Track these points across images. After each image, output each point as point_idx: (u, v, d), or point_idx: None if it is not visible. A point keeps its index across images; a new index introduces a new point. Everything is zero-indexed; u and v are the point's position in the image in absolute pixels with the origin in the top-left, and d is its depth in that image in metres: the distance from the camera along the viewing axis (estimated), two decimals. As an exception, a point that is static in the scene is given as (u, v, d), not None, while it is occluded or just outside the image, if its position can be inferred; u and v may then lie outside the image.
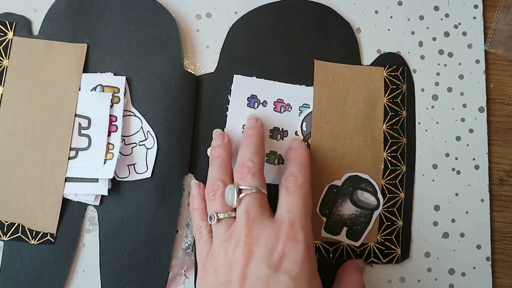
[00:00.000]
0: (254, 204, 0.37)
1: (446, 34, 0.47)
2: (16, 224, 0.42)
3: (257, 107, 0.44)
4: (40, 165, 0.43)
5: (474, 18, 0.47)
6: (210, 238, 0.39)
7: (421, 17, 0.47)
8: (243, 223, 0.37)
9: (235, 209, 0.38)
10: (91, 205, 0.43)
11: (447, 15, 0.47)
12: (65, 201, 0.42)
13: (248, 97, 0.44)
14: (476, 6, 0.47)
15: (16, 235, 0.42)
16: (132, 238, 0.42)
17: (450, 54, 0.47)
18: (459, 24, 0.47)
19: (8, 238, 0.42)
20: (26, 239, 0.42)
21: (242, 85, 0.44)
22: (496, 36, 0.46)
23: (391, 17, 0.47)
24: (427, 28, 0.47)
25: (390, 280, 0.44)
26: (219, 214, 0.38)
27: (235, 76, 0.44)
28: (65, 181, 0.42)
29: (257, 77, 0.44)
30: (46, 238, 0.42)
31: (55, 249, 0.42)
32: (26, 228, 0.42)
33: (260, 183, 0.39)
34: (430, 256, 0.45)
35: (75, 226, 0.43)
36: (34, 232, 0.42)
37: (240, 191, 0.38)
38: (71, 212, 0.43)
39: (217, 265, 0.37)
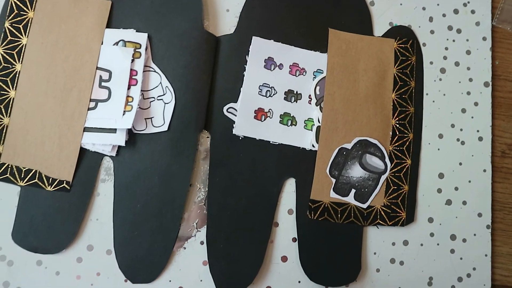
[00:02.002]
0: None
1: (456, 11, 0.48)
2: (33, 171, 0.42)
3: (274, 69, 0.45)
4: (60, 115, 0.42)
5: (483, -3, 0.48)
6: None
7: (432, -6, 0.48)
8: None
9: None
10: (107, 155, 0.43)
11: (457, -7, 0.48)
12: (82, 151, 0.42)
13: (265, 59, 0.44)
14: (485, -14, 0.48)
15: (33, 181, 0.42)
16: (146, 190, 0.42)
17: (459, 31, 0.47)
18: (468, 2, 0.47)
19: (25, 184, 0.42)
20: (43, 186, 0.42)
21: (260, 47, 0.44)
22: (503, 16, 0.47)
23: (404, -8, 0.48)
24: (438, 4, 0.47)
25: (394, 242, 0.44)
26: None
27: (253, 37, 0.44)
28: (84, 131, 0.42)
29: (274, 41, 0.45)
30: (62, 185, 0.42)
31: (70, 196, 0.42)
32: (43, 175, 0.42)
33: None
34: (433, 222, 0.45)
35: (91, 175, 0.43)
36: (50, 179, 0.42)
37: None
38: (87, 161, 0.42)
39: None
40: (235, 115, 0.43)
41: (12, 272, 0.41)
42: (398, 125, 0.45)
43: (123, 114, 0.42)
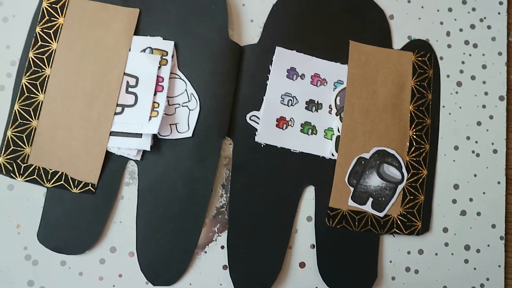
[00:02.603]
0: None
1: (472, 26, 0.49)
2: (59, 172, 0.43)
3: (296, 79, 0.46)
4: (87, 119, 0.43)
5: (499, 13, 0.49)
6: None
7: (450, 9, 0.49)
8: None
9: None
10: (132, 159, 0.43)
11: (473, 9, 0.49)
12: (108, 154, 0.43)
13: (287, 69, 0.45)
14: (501, 3, 0.49)
15: (59, 182, 0.43)
16: (169, 194, 0.43)
17: (475, 45, 0.48)
18: (485, 18, 0.49)
19: (52, 185, 0.43)
20: (68, 187, 0.43)
21: (283, 57, 0.45)
22: (518, 32, 0.49)
23: (422, 7, 0.48)
24: (455, 19, 0.49)
25: (410, 251, 0.45)
26: None
27: (277, 47, 0.45)
28: (110, 135, 0.43)
29: (297, 51, 0.46)
30: (88, 188, 0.43)
31: (95, 199, 0.43)
32: (69, 177, 0.43)
33: None
34: (448, 232, 0.46)
35: (115, 178, 0.43)
36: (76, 181, 0.43)
37: None
38: (113, 165, 0.43)
39: None
40: (258, 123, 0.44)
41: (36, 272, 0.42)
42: (415, 136, 0.46)
43: (149, 120, 0.43)
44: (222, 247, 0.43)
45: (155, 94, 0.43)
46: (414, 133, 0.46)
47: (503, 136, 0.47)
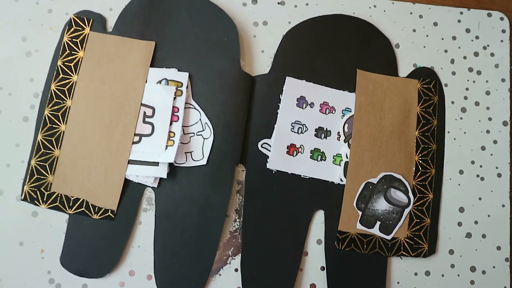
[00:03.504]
0: None
1: (476, 54, 0.50)
2: (80, 200, 0.45)
3: (305, 107, 0.47)
4: (106, 148, 0.45)
5: (502, 41, 0.50)
6: None
7: (454, 38, 0.50)
8: None
9: None
10: (149, 186, 0.45)
11: (477, 37, 0.50)
12: (126, 182, 0.44)
13: (297, 98, 0.47)
14: (503, 31, 0.50)
15: (80, 209, 0.44)
16: (185, 219, 0.44)
17: (479, 72, 0.50)
18: (488, 45, 0.50)
19: (73, 212, 0.44)
20: (89, 214, 0.44)
21: (293, 87, 0.47)
22: (521, 59, 0.50)
23: (427, 35, 0.50)
24: (459, 47, 0.50)
25: (417, 272, 0.46)
26: None
27: (287, 77, 0.46)
28: (128, 163, 0.45)
29: (306, 81, 0.47)
30: (107, 214, 0.44)
31: (114, 224, 0.44)
32: (90, 204, 0.44)
33: None
34: (454, 254, 0.47)
35: (134, 205, 0.45)
36: (96, 208, 0.44)
37: None
38: (131, 192, 0.45)
39: None
40: (269, 150, 0.46)
41: (59, 295, 0.44)
42: (421, 161, 0.47)
43: (166, 149, 0.44)
44: (236, 269, 0.45)
45: (171, 124, 0.45)
46: (420, 158, 0.47)
47: (507, 160, 0.48)
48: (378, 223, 0.46)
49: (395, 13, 0.50)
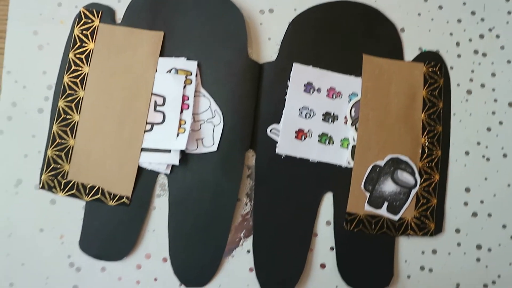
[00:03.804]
0: None
1: (481, 36, 0.50)
2: (96, 187, 0.46)
3: (312, 93, 0.48)
4: (119, 136, 0.46)
5: (507, 23, 0.50)
6: None
7: (459, 20, 0.50)
8: None
9: None
10: (162, 173, 0.46)
11: (482, 19, 0.50)
12: (140, 169, 0.46)
13: (304, 84, 0.48)
14: (509, 12, 0.50)
15: (96, 196, 0.46)
16: (197, 204, 0.46)
17: (484, 54, 0.50)
18: (493, 27, 0.50)
19: (90, 199, 0.46)
20: (105, 201, 0.46)
21: (300, 73, 0.47)
22: (526, 39, 0.50)
23: (432, 19, 0.50)
24: (464, 30, 0.50)
25: (424, 251, 0.47)
26: None
27: (294, 64, 0.47)
28: (141, 151, 0.46)
29: (313, 67, 0.48)
30: (122, 200, 0.46)
31: (130, 210, 0.46)
32: (105, 191, 0.46)
33: None
34: (460, 232, 0.48)
35: (147, 191, 0.46)
36: (112, 195, 0.46)
37: None
38: (144, 178, 0.46)
39: None
40: (278, 136, 0.47)
41: (79, 278, 0.46)
42: (427, 143, 0.48)
43: (177, 136, 0.46)
44: (248, 251, 0.46)
45: (181, 112, 0.46)
46: (426, 141, 0.48)
47: (512, 140, 0.49)
48: (386, 204, 0.47)
49: (400, -3, 0.50)
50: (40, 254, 0.45)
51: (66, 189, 0.46)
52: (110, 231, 0.45)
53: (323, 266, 0.47)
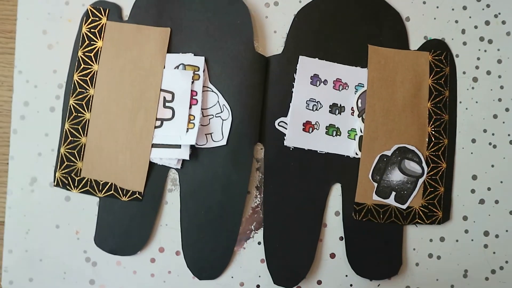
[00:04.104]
0: None
1: (487, 22, 0.50)
2: (109, 183, 0.47)
3: (319, 85, 0.48)
4: (130, 133, 0.47)
5: (513, 8, 0.50)
6: None
7: (464, 7, 0.50)
8: None
9: None
10: (173, 168, 0.47)
11: (488, 6, 0.50)
12: (151, 164, 0.46)
13: (311, 76, 0.48)
14: (514, -2, 0.50)
15: (110, 192, 0.47)
16: (208, 198, 0.47)
17: (490, 41, 0.50)
18: (499, 13, 0.50)
19: (103, 195, 0.47)
20: (118, 196, 0.47)
21: (306, 65, 0.48)
22: (532, 25, 0.50)
23: (437, 7, 0.50)
24: (470, 17, 0.50)
25: (432, 239, 0.48)
26: None
27: (300, 57, 0.47)
28: (152, 147, 0.46)
29: (319, 59, 0.48)
30: (135, 196, 0.47)
31: (142, 205, 0.47)
32: (118, 187, 0.47)
33: None
34: (468, 220, 0.48)
35: (159, 186, 0.47)
36: (124, 190, 0.47)
37: None
38: (156, 174, 0.47)
39: None
40: (286, 128, 0.47)
41: (96, 272, 0.47)
42: (433, 132, 0.48)
43: (187, 131, 0.46)
44: (259, 243, 0.47)
45: (190, 107, 0.47)
46: (433, 129, 0.48)
47: (519, 127, 0.49)
48: (393, 193, 0.47)
49: (404, -14, 0.50)
50: (57, 249, 0.47)
51: (80, 186, 0.47)
52: (124, 226, 0.46)
53: (332, 255, 0.47)
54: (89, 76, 0.47)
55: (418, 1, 0.50)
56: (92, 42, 0.48)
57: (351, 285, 0.47)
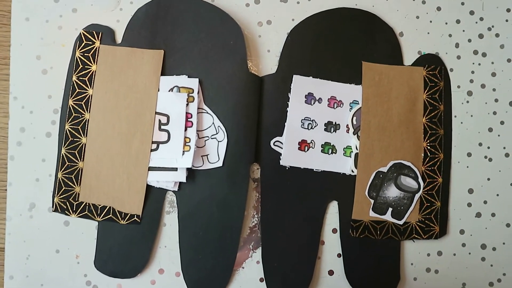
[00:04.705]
0: None
1: (480, 36, 0.49)
2: (107, 207, 0.47)
3: (314, 103, 0.48)
4: (126, 156, 0.47)
5: (507, 20, 0.49)
6: None
7: (458, 21, 0.49)
8: None
9: None
10: (170, 190, 0.47)
11: (481, 19, 0.49)
12: (149, 187, 0.46)
13: (305, 95, 0.48)
14: (508, 10, 0.49)
15: (108, 216, 0.47)
16: (206, 219, 0.46)
17: (484, 54, 0.49)
18: (492, 26, 0.49)
19: (102, 219, 0.47)
20: (117, 220, 0.47)
21: (300, 84, 0.47)
22: (526, 37, 0.49)
23: (431, 21, 0.49)
24: (463, 31, 0.49)
25: (429, 253, 0.48)
26: None
27: (294, 76, 0.47)
28: (148, 170, 0.46)
29: (313, 77, 0.48)
30: (133, 219, 0.47)
31: (141, 228, 0.46)
32: (116, 210, 0.47)
33: None
34: (465, 233, 0.48)
35: (157, 208, 0.47)
36: (123, 214, 0.47)
37: None
38: (153, 196, 0.47)
39: None
40: (281, 148, 0.47)
41: (97, 295, 0.47)
42: (429, 147, 0.48)
43: (183, 154, 0.46)
44: (258, 262, 0.47)
45: (185, 130, 0.46)
46: (428, 144, 0.48)
47: (514, 139, 0.49)
48: (390, 209, 0.47)
49: (397, 1, 0.49)
50: (58, 274, 0.47)
51: (78, 210, 0.47)
52: (123, 249, 0.46)
53: (331, 272, 0.48)
54: (84, 101, 0.47)
55: (411, 16, 0.49)
56: (86, 66, 0.47)
57: (350, 301, 0.48)
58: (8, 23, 0.48)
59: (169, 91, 0.47)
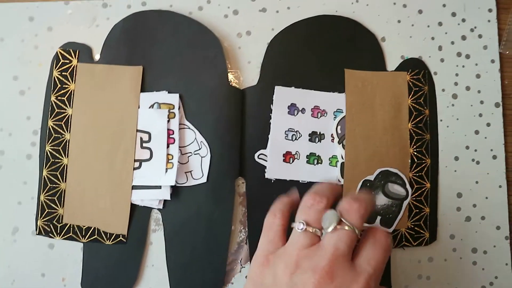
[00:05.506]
0: (346, 242, 0.34)
1: (463, 37, 0.48)
2: (92, 228, 0.46)
3: (297, 114, 0.47)
4: (109, 176, 0.46)
5: (489, 21, 0.48)
6: (282, 236, 0.37)
7: (440, 23, 0.48)
8: (329, 253, 0.33)
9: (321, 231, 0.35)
10: (155, 208, 0.46)
11: (463, 20, 0.48)
12: (133, 206, 0.45)
13: (288, 106, 0.46)
14: (490, 10, 0.48)
15: (93, 237, 0.46)
16: (193, 235, 0.45)
17: (468, 56, 0.48)
18: (475, 27, 0.48)
19: (87, 240, 0.46)
20: (102, 240, 0.46)
21: (283, 95, 0.46)
22: (511, 37, 0.48)
23: (413, 25, 0.48)
24: (446, 33, 0.48)
25: (420, 260, 0.47)
26: (309, 227, 0.35)
27: (276, 87, 0.46)
28: (132, 189, 0.45)
29: (295, 87, 0.46)
30: (119, 238, 0.46)
31: (127, 247, 0.45)
32: (101, 231, 0.45)
33: (360, 227, 0.35)
34: (455, 238, 0.47)
35: (142, 227, 0.46)
36: (108, 234, 0.46)
37: (340, 221, 0.34)
38: (138, 215, 0.46)
39: (279, 269, 0.34)
40: (266, 161, 0.46)
41: (85, 317, 0.46)
42: (416, 153, 0.47)
43: (166, 172, 0.45)
44: (247, 277, 0.46)
45: (168, 147, 0.45)
46: (415, 150, 0.47)
47: (501, 141, 0.48)
48: (379, 218, 0.46)
49: (378, 6, 0.48)
50: (45, 298, 0.46)
51: (63, 232, 0.45)
52: (110, 269, 0.45)
53: (322, 283, 0.47)
54: (63, 121, 0.46)
55: (393, 20, 0.48)
56: (64, 86, 0.46)
57: (342, 312, 0.47)
58: (-17, 44, 0.47)
59: (149, 107, 0.46)
